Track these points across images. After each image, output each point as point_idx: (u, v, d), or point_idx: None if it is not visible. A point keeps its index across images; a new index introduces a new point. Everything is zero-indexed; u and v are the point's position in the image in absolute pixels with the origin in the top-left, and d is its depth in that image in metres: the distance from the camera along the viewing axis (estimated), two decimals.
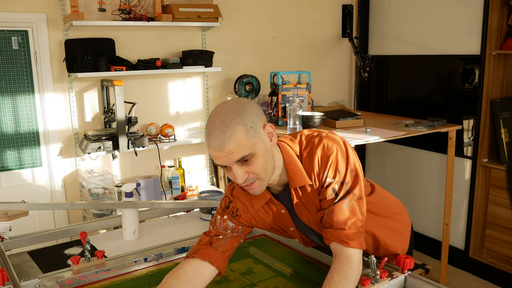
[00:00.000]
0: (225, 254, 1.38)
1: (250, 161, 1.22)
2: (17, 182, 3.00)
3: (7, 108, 2.90)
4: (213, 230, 1.41)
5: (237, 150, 1.19)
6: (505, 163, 3.22)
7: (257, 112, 1.25)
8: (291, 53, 3.88)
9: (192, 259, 1.35)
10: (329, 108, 3.78)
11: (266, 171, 1.26)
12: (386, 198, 1.61)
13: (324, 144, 1.31)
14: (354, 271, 1.26)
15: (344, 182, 1.29)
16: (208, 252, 1.36)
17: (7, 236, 1.75)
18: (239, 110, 1.22)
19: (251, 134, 1.21)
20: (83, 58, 2.87)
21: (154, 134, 3.24)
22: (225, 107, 1.24)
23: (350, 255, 1.27)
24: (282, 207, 1.39)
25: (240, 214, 1.41)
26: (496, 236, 3.32)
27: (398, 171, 4.04)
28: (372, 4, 4.09)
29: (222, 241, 1.38)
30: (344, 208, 1.28)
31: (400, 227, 1.61)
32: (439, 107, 3.77)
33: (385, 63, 4.12)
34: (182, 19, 3.12)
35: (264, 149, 1.24)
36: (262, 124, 1.26)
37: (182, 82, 3.43)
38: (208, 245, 1.37)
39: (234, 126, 1.19)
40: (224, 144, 1.19)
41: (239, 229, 1.42)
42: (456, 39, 3.44)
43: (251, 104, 1.26)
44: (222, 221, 1.41)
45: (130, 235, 1.84)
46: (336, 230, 1.29)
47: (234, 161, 1.21)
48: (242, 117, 1.20)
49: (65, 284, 1.44)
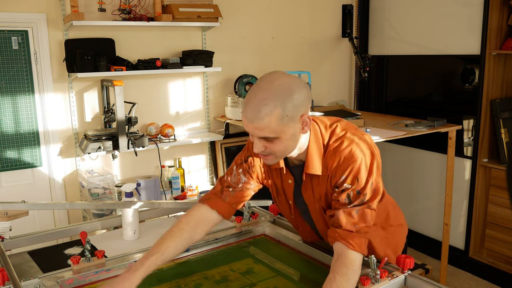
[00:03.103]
0: (232, 206, 1.49)
1: (272, 141, 1.27)
2: (17, 182, 3.00)
3: (7, 108, 2.90)
4: (227, 181, 1.51)
5: (264, 130, 1.23)
6: (505, 163, 3.22)
7: (302, 102, 1.25)
8: (291, 53, 3.88)
9: (202, 206, 1.49)
10: (329, 108, 3.78)
11: (284, 152, 1.31)
12: (389, 207, 1.63)
13: (352, 148, 1.33)
14: (356, 274, 1.28)
15: (361, 193, 1.32)
16: (217, 202, 1.48)
17: (7, 236, 1.75)
18: (285, 94, 1.22)
19: (284, 121, 1.23)
20: (83, 58, 2.87)
21: (154, 134, 3.23)
22: (274, 83, 1.23)
23: (353, 258, 1.29)
24: (290, 178, 1.45)
25: (254, 170, 1.49)
26: (496, 236, 3.32)
27: (398, 171, 4.04)
28: (372, 4, 4.09)
29: (231, 193, 1.49)
30: (354, 214, 1.32)
31: (392, 238, 1.64)
32: (439, 107, 3.77)
33: (385, 63, 4.13)
34: (182, 19, 3.12)
35: (290, 136, 1.27)
36: (301, 114, 1.26)
37: (182, 82, 3.43)
38: (219, 195, 1.49)
39: (271, 109, 1.21)
40: (255, 120, 1.22)
41: (251, 184, 1.50)
42: (456, 39, 3.44)
43: (300, 91, 1.25)
44: (237, 174, 1.50)
45: (130, 235, 1.84)
46: (344, 231, 1.32)
47: (258, 136, 1.26)
48: (283, 103, 1.21)
49: (65, 284, 1.44)
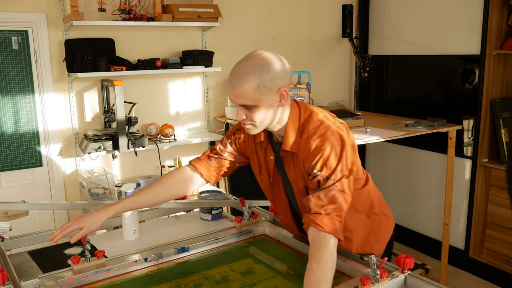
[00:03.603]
0: (215, 171, 1.65)
1: (251, 109, 1.39)
2: (17, 182, 3.01)
3: (7, 108, 2.90)
4: (215, 149, 1.66)
5: (242, 97, 1.36)
6: (505, 163, 3.22)
7: (279, 75, 1.37)
8: (291, 53, 3.88)
9: (188, 166, 1.66)
10: (329, 108, 3.78)
11: (262, 122, 1.42)
12: (372, 197, 1.64)
13: (323, 137, 1.39)
14: (330, 256, 1.29)
15: (330, 178, 1.36)
16: (202, 164, 1.64)
17: (7, 236, 1.75)
18: (264, 66, 1.35)
19: (261, 90, 1.35)
20: (83, 58, 2.87)
21: (154, 134, 3.24)
22: (256, 57, 1.38)
23: (325, 240, 1.30)
24: (271, 154, 1.54)
25: (241, 142, 1.63)
26: (496, 236, 3.32)
27: (398, 171, 4.04)
28: (372, 4, 4.09)
29: (216, 160, 1.65)
30: (322, 196, 1.35)
31: (377, 227, 1.65)
32: (439, 107, 3.77)
33: (385, 63, 4.13)
34: (182, 19, 3.12)
35: (268, 106, 1.39)
36: (279, 87, 1.38)
37: (182, 82, 3.43)
38: (206, 159, 1.65)
39: (250, 78, 1.34)
40: (234, 87, 1.36)
41: (236, 156, 1.65)
42: (456, 39, 3.44)
43: (279, 65, 1.38)
44: (225, 144, 1.65)
45: (130, 235, 1.84)
46: (313, 214, 1.35)
47: (238, 103, 1.39)
48: (262, 73, 1.35)
49: (65, 284, 1.44)
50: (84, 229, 1.49)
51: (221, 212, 2.07)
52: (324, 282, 1.24)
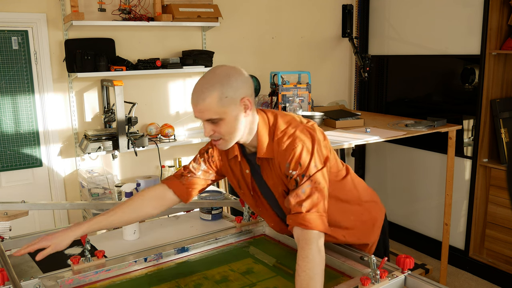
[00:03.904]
0: (188, 189, 1.61)
1: (218, 123, 1.39)
2: (17, 182, 3.01)
3: (7, 108, 2.90)
4: (188, 167, 1.63)
5: (206, 112, 1.37)
6: (505, 163, 3.22)
7: (240, 85, 1.38)
8: (291, 53, 3.88)
9: (160, 184, 1.62)
10: (329, 108, 3.78)
11: (231, 135, 1.42)
12: (357, 186, 1.65)
13: (293, 138, 1.41)
14: (316, 252, 1.29)
15: (305, 175, 1.38)
16: (174, 182, 1.61)
17: (7, 236, 1.75)
18: (224, 79, 1.36)
19: (223, 102, 1.36)
20: (83, 58, 2.87)
21: (154, 134, 3.24)
22: (216, 72, 1.39)
23: (308, 237, 1.31)
24: (247, 167, 1.54)
25: (214, 160, 1.61)
26: (496, 236, 3.32)
27: (398, 171, 4.04)
28: (372, 4, 4.09)
29: (189, 178, 1.61)
30: (300, 193, 1.36)
31: (368, 215, 1.66)
32: (439, 107, 3.77)
33: (385, 63, 4.13)
34: (182, 19, 3.12)
35: (234, 117, 1.39)
36: (241, 97, 1.39)
37: (182, 82, 3.43)
38: (179, 177, 1.62)
39: (211, 91, 1.35)
40: (198, 102, 1.37)
41: (209, 174, 1.62)
42: (456, 39, 3.44)
43: (238, 76, 1.39)
44: (198, 162, 1.63)
45: (130, 235, 1.84)
46: (294, 214, 1.36)
47: (203, 118, 1.40)
48: (222, 86, 1.35)
49: (65, 284, 1.45)
50: (50, 247, 1.44)
51: (221, 212, 2.07)
52: (314, 278, 1.25)
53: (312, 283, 1.24)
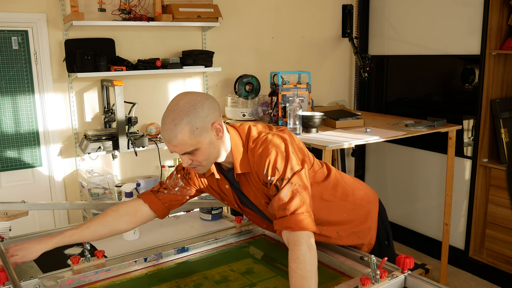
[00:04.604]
0: (164, 204, 1.61)
1: (194, 153, 1.39)
2: (17, 182, 3.01)
3: (7, 108, 2.90)
4: (165, 183, 1.63)
5: (181, 146, 1.36)
6: (505, 163, 3.22)
7: (206, 113, 1.37)
8: (291, 53, 3.88)
9: (136, 199, 1.62)
10: (329, 108, 3.78)
11: (208, 160, 1.43)
12: (342, 182, 1.64)
13: (265, 145, 1.42)
14: (306, 252, 1.30)
15: (284, 179, 1.38)
16: (150, 197, 1.61)
17: (7, 236, 1.75)
18: (189, 111, 1.35)
19: (195, 134, 1.36)
20: (83, 58, 2.87)
21: (154, 134, 3.24)
22: (179, 104, 1.37)
23: (296, 239, 1.32)
24: (226, 183, 1.55)
25: (191, 177, 1.60)
26: (496, 236, 3.32)
27: (398, 171, 4.04)
28: (372, 4, 4.09)
29: (165, 194, 1.61)
30: (283, 197, 1.37)
31: (359, 206, 1.65)
32: (439, 107, 3.77)
33: (385, 63, 4.12)
34: (182, 19, 3.12)
35: (208, 144, 1.39)
36: (211, 123, 1.39)
37: (182, 82, 3.43)
38: (154, 193, 1.62)
39: (181, 127, 1.34)
40: (171, 140, 1.36)
41: (187, 190, 1.62)
42: (456, 39, 3.44)
43: (203, 104, 1.38)
44: (175, 178, 1.62)
45: (130, 235, 1.84)
46: (279, 218, 1.36)
47: (180, 153, 1.39)
48: (190, 118, 1.34)
49: (65, 284, 1.45)
50: (17, 257, 1.43)
51: (221, 212, 2.07)
52: (307, 277, 1.26)
53: (305, 282, 1.25)
